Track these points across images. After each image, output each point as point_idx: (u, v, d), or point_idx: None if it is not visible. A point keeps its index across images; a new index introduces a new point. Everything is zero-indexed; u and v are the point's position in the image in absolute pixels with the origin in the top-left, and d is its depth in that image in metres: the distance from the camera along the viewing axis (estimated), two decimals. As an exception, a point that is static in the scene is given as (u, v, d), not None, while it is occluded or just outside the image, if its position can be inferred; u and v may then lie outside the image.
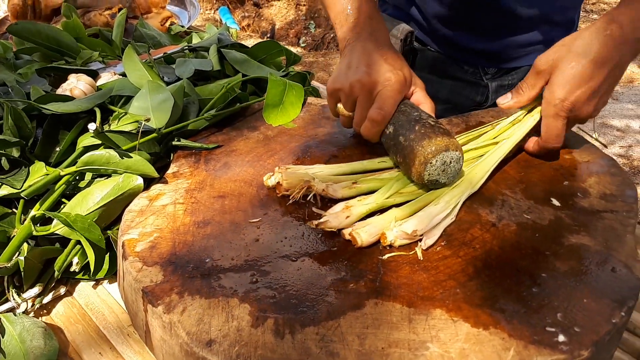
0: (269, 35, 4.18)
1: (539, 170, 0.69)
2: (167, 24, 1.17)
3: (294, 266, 0.52)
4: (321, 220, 0.55)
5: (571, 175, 0.68)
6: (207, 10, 4.36)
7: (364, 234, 0.54)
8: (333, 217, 0.56)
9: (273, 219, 0.59)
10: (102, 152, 0.63)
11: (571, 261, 0.54)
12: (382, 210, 0.60)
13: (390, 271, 0.53)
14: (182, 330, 0.46)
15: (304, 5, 4.30)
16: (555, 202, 0.63)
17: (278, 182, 0.61)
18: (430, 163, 0.59)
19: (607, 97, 0.66)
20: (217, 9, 4.34)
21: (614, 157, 2.54)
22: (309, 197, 0.60)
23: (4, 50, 0.94)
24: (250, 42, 3.47)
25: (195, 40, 1.08)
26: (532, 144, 0.70)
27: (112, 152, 0.63)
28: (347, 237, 0.55)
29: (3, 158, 0.67)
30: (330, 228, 0.56)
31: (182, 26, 1.19)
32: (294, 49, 3.56)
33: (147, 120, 0.68)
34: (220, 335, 0.45)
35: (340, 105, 0.70)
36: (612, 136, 2.74)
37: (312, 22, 4.26)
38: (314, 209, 0.60)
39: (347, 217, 0.56)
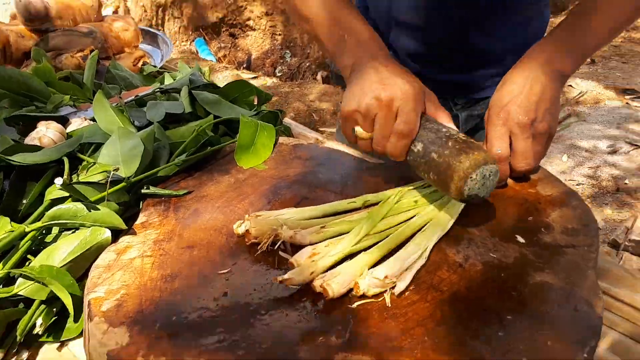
0: (245, 65, 4.22)
1: (503, 205, 0.71)
2: (140, 64, 1.18)
3: (263, 321, 0.52)
4: (285, 276, 0.55)
5: (535, 210, 0.70)
6: (183, 42, 4.39)
7: (335, 285, 0.54)
8: (297, 274, 0.56)
9: (242, 268, 0.59)
10: (68, 206, 0.62)
11: (535, 301, 0.55)
12: (351, 255, 0.60)
13: (360, 320, 0.53)
14: (149, 393, 0.45)
15: (280, 35, 4.36)
16: (520, 239, 0.65)
17: (247, 230, 0.62)
18: (471, 177, 0.60)
19: (554, 107, 0.71)
20: (193, 41, 4.37)
21: (584, 179, 2.59)
22: (278, 244, 0.60)
23: (-28, 97, 0.94)
24: (226, 73, 3.49)
25: (168, 80, 1.08)
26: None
27: (79, 205, 0.63)
28: (319, 289, 0.55)
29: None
30: (294, 285, 0.56)
31: (155, 66, 1.20)
32: (270, 79, 3.59)
33: (116, 169, 0.68)
34: (188, 396, 0.45)
35: (358, 129, 0.68)
36: (580, 157, 2.80)
37: (287, 51, 4.32)
38: (281, 253, 0.60)
39: (312, 272, 0.56)
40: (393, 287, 0.56)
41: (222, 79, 3.58)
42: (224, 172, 0.77)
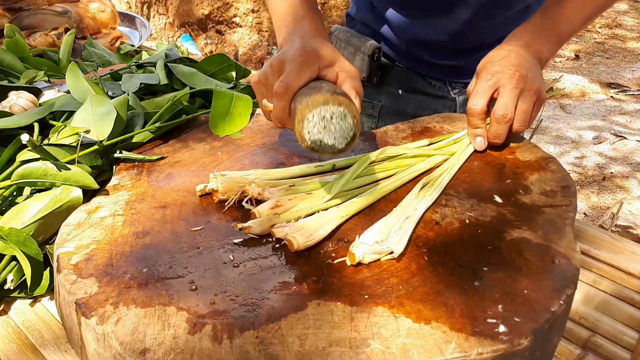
0: (231, 60, 4.19)
1: (482, 171, 0.70)
2: (117, 44, 1.16)
3: (236, 272, 0.51)
4: (245, 224, 0.54)
5: (513, 174, 0.69)
6: (169, 38, 4.36)
7: (300, 237, 0.53)
8: (257, 224, 0.55)
9: (215, 226, 0.58)
10: (38, 164, 0.61)
11: (513, 255, 0.55)
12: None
13: (334, 272, 0.52)
14: (115, 341, 0.44)
15: (267, 31, 4.35)
16: (498, 199, 0.64)
17: (213, 188, 0.61)
18: (307, 119, 0.55)
19: (540, 75, 0.73)
20: (179, 37, 4.34)
21: (570, 167, 2.60)
22: (245, 200, 0.59)
23: (-56, 71, 0.92)
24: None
25: (145, 58, 1.07)
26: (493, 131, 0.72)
27: (49, 164, 0.61)
28: (278, 236, 0.54)
29: None
30: (254, 234, 0.55)
31: (132, 45, 1.18)
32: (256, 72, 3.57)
33: (87, 132, 0.66)
34: (156, 343, 0.44)
35: (264, 101, 0.65)
36: (566, 147, 2.82)
37: (274, 47, 4.31)
38: (245, 205, 0.59)
39: (272, 225, 0.55)
40: (390, 254, 0.54)
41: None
42: (199, 140, 0.75)
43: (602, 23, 4.60)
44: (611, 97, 3.39)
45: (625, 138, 2.89)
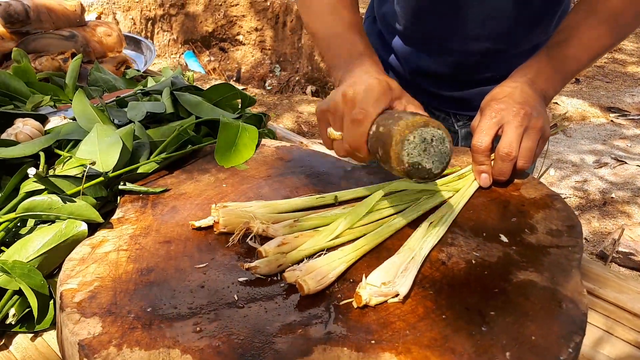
0: (234, 78, 4.23)
1: (487, 208, 0.70)
2: (122, 69, 1.17)
3: (240, 313, 0.51)
4: (252, 264, 0.54)
5: (519, 212, 0.69)
6: (172, 54, 4.39)
7: (311, 282, 0.53)
8: (264, 264, 0.55)
9: (220, 263, 0.58)
10: (43, 198, 0.61)
11: (519, 298, 0.54)
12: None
13: (340, 314, 0.52)
14: (117, 386, 0.43)
15: (269, 49, 4.39)
16: (504, 238, 0.64)
17: (215, 221, 0.60)
18: (408, 140, 0.54)
19: (544, 112, 0.74)
20: (182, 54, 4.38)
21: (571, 190, 2.59)
22: (250, 237, 0.59)
23: (-50, 95, 0.92)
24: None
25: (151, 84, 1.07)
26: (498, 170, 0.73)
27: (54, 197, 0.61)
28: (290, 281, 0.54)
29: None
30: (260, 274, 0.55)
31: (138, 70, 1.19)
32: (259, 92, 3.60)
33: (93, 163, 0.66)
34: (159, 389, 0.43)
35: (330, 129, 0.66)
36: (567, 171, 2.83)
37: (277, 65, 4.34)
38: (250, 243, 0.59)
39: (280, 265, 0.55)
40: (395, 296, 0.54)
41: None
42: (204, 171, 0.75)
43: (602, 47, 4.63)
44: (611, 121, 3.41)
45: (626, 162, 2.89)
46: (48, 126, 0.84)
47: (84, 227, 0.60)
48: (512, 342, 0.49)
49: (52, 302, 0.59)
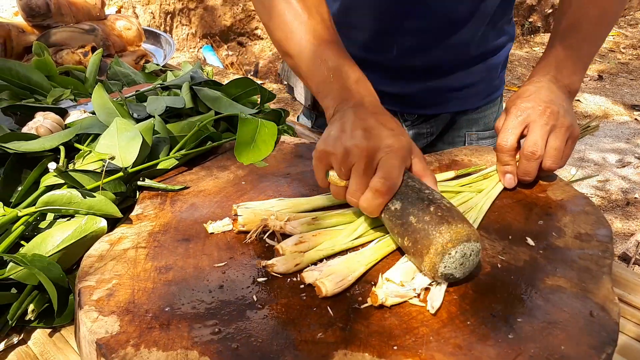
0: (252, 73, 4.22)
1: (513, 210, 0.68)
2: (142, 62, 1.17)
3: (260, 314, 0.50)
4: (268, 262, 0.53)
5: (545, 215, 0.67)
6: (191, 48, 4.41)
7: (329, 284, 0.52)
8: (281, 262, 0.54)
9: (239, 262, 0.57)
10: (63, 192, 0.60)
11: (547, 305, 0.53)
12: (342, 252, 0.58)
13: (361, 318, 0.50)
14: (135, 387, 0.43)
15: (287, 43, 4.36)
16: (530, 241, 0.62)
17: (235, 220, 0.59)
18: (449, 254, 0.51)
19: (571, 110, 0.72)
20: (200, 48, 4.39)
21: (593, 190, 2.56)
22: (267, 234, 0.58)
23: (-28, 87, 0.92)
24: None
25: (170, 78, 1.07)
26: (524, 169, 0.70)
27: (73, 191, 0.60)
28: (308, 281, 0.53)
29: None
30: (277, 273, 0.54)
31: (157, 64, 1.18)
32: (277, 86, 3.59)
33: (112, 158, 0.66)
34: (177, 392, 0.42)
35: (332, 174, 0.59)
36: (589, 170, 2.77)
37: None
38: (267, 240, 0.58)
39: (297, 264, 0.54)
40: (416, 297, 0.52)
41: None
42: (223, 168, 0.74)
43: (627, 44, 4.54)
44: (635, 119, 3.33)
45: (650, 162, 2.83)
46: (68, 120, 0.84)
47: (103, 223, 0.60)
48: (541, 352, 0.47)
49: (71, 296, 0.59)
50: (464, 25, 0.90)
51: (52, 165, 0.60)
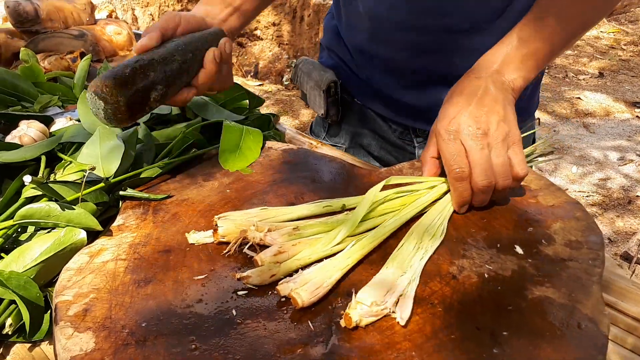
0: (252, 74, 4.21)
1: (502, 215, 0.67)
2: (133, 67, 1.16)
3: (238, 330, 0.49)
4: (244, 274, 0.52)
5: (535, 221, 0.66)
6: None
7: (304, 294, 0.50)
8: (256, 274, 0.53)
9: (220, 275, 0.55)
10: (41, 205, 0.59)
11: (535, 317, 0.51)
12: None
13: (343, 332, 0.49)
14: (106, 408, 0.41)
15: (287, 44, 4.36)
16: (519, 249, 0.61)
17: (215, 230, 0.58)
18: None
19: (509, 116, 0.66)
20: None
21: (594, 188, 2.54)
22: (247, 246, 0.57)
23: (-41, 95, 0.92)
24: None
25: (160, 83, 1.06)
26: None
27: (52, 204, 0.59)
28: (283, 293, 0.52)
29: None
30: (252, 284, 0.53)
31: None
32: (276, 87, 3.58)
33: (93, 169, 0.64)
34: (149, 413, 0.41)
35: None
36: (590, 168, 2.75)
37: (294, 60, 4.31)
38: (247, 251, 0.57)
39: (273, 275, 0.53)
40: (389, 314, 0.51)
41: (227, 87, 3.57)
42: (209, 176, 0.73)
43: (628, 40, 4.51)
44: (637, 116, 3.31)
45: (652, 160, 2.81)
46: (54, 128, 0.83)
47: (82, 235, 0.59)
48: (526, 367, 0.46)
49: (48, 312, 0.58)
50: (486, 28, 0.83)
51: (27, 179, 0.59)
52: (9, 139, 0.76)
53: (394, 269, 0.54)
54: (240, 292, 0.53)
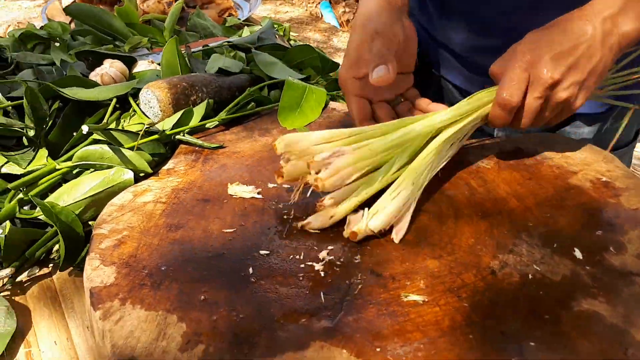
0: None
1: (570, 212, 0.59)
2: (225, 15, 1.17)
3: (250, 289, 0.48)
4: (304, 222, 0.55)
5: (609, 224, 0.57)
6: (309, 3, 4.39)
7: (326, 178, 0.53)
8: (314, 218, 0.55)
9: (248, 231, 0.55)
10: (96, 147, 0.62)
11: (573, 332, 0.45)
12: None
13: (353, 310, 0.47)
14: (109, 342, 0.43)
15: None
16: (578, 254, 0.53)
17: (279, 171, 0.56)
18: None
19: (589, 81, 0.58)
20: (319, 3, 4.35)
21: None
22: (309, 191, 0.56)
23: (63, 30, 0.99)
24: (344, 38, 3.43)
25: (246, 34, 1.06)
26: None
27: (105, 146, 0.62)
28: (311, 182, 0.53)
29: (23, 137, 0.69)
30: (313, 229, 0.55)
31: (239, 19, 1.18)
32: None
33: (151, 125, 0.67)
34: (144, 354, 0.42)
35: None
36: None
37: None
38: (295, 223, 0.56)
39: (331, 217, 0.55)
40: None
41: (340, 44, 3.56)
42: (265, 132, 0.73)
43: None
44: None
45: None
46: (135, 69, 0.87)
47: (130, 175, 0.61)
48: (545, 385, 0.41)
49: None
50: (547, 7, 0.71)
51: (85, 128, 0.62)
52: (91, 76, 0.81)
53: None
54: (262, 252, 0.53)
